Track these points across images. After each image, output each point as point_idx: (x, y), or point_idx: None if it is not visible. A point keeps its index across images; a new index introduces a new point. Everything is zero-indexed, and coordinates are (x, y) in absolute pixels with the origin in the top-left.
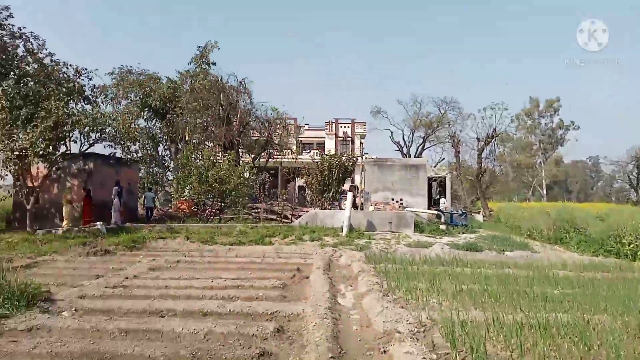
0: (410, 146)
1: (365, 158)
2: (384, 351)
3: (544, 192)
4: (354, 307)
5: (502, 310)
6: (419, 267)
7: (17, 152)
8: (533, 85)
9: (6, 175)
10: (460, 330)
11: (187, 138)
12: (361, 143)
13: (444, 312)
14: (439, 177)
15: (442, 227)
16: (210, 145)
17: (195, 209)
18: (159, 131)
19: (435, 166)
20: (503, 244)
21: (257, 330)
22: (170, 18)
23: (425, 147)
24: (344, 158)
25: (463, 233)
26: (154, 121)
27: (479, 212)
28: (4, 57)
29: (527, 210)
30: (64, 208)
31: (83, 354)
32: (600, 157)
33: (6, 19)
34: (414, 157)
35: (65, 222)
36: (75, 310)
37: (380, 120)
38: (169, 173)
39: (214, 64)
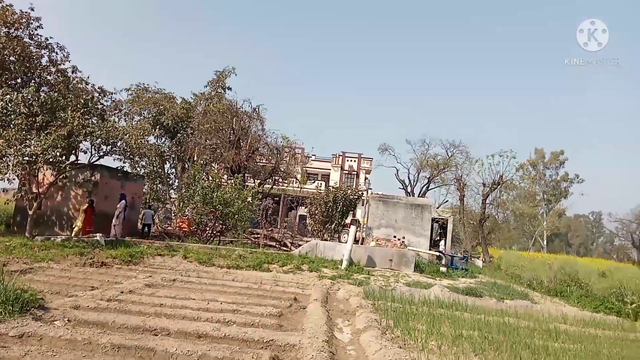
0: (415, 185)
1: (370, 193)
2: None
3: (544, 243)
4: (351, 343)
5: None
6: (418, 308)
7: (27, 158)
8: (541, 136)
9: (14, 179)
10: None
11: (195, 158)
12: (366, 178)
13: (443, 356)
14: (441, 218)
15: (443, 269)
16: (217, 167)
17: (196, 229)
18: (168, 149)
19: (438, 207)
20: (503, 291)
21: (252, 357)
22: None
23: (429, 188)
24: (349, 191)
25: (463, 277)
26: (164, 139)
27: (479, 258)
28: (27, 65)
29: (527, 259)
30: (79, 216)
31: None
32: (603, 212)
33: (36, 29)
34: (418, 196)
35: (75, 229)
36: (68, 320)
37: (387, 157)
38: (172, 191)
39: (230, 88)
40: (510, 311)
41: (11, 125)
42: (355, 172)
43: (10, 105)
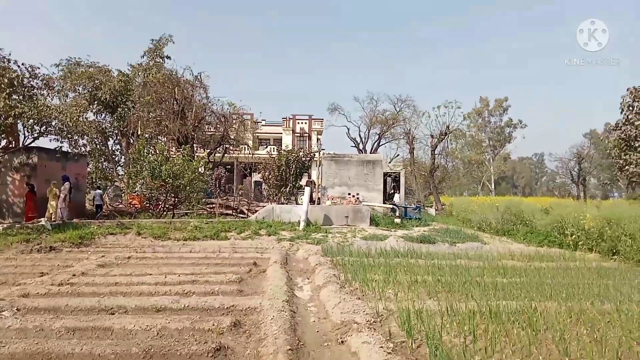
0: (366, 142)
1: (323, 153)
2: (342, 342)
3: (493, 187)
4: (312, 300)
5: (455, 300)
6: (375, 260)
7: None
8: (484, 84)
9: None
10: (416, 319)
11: (139, 132)
12: (318, 139)
13: (400, 302)
14: (393, 172)
15: (397, 220)
16: (163, 139)
17: (148, 204)
18: (109, 125)
19: (390, 162)
20: (455, 236)
21: (213, 325)
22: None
23: (380, 144)
24: (301, 153)
25: (417, 226)
26: (103, 115)
27: (431, 206)
28: None
29: (477, 204)
30: (50, 202)
31: (26, 355)
32: (545, 154)
33: None
34: (370, 153)
35: (48, 214)
36: (17, 309)
37: (338, 117)
38: (119, 168)
39: (169, 57)
40: (462, 254)
41: None
42: (307, 134)
43: None
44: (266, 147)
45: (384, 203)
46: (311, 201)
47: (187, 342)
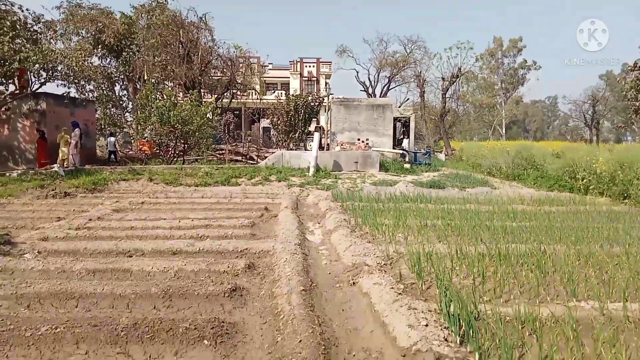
0: (376, 86)
1: (332, 98)
2: (353, 283)
3: (504, 131)
4: (323, 243)
5: (464, 243)
6: (385, 204)
7: None
8: (499, 26)
9: None
10: (426, 262)
11: (145, 77)
12: (327, 83)
13: (410, 246)
14: (403, 117)
15: (407, 165)
16: (170, 84)
17: (158, 150)
18: (115, 70)
19: (400, 106)
20: (465, 181)
21: (228, 267)
22: None
23: (390, 87)
24: (309, 98)
25: (426, 171)
26: (108, 59)
27: (441, 152)
28: None
29: (487, 148)
30: (61, 148)
31: (50, 294)
32: (558, 97)
33: None
34: (379, 97)
35: (60, 160)
36: (38, 252)
37: (346, 59)
38: (127, 114)
39: None
40: (472, 198)
41: None
42: (315, 78)
43: None
44: (274, 92)
45: (393, 148)
46: (320, 147)
47: (204, 283)
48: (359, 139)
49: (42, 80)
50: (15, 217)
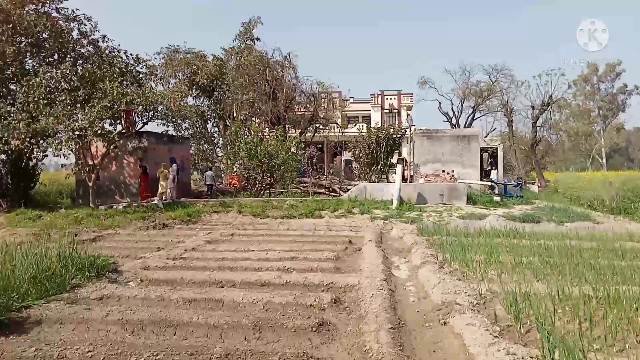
0: (460, 116)
1: (414, 130)
2: (444, 322)
3: (604, 160)
4: (409, 279)
5: (566, 283)
6: (474, 239)
7: (77, 132)
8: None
9: (69, 154)
10: (523, 302)
11: (234, 115)
12: (408, 115)
13: (504, 284)
14: (490, 147)
15: (496, 198)
16: (257, 121)
17: (246, 184)
18: (207, 108)
19: (486, 136)
20: (562, 214)
21: (315, 300)
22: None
23: (475, 117)
24: (391, 130)
25: (518, 204)
26: (202, 99)
27: (534, 183)
28: (60, 40)
29: (586, 179)
30: (160, 182)
31: (151, 322)
32: None
33: (61, 2)
34: (464, 127)
35: (159, 194)
36: (140, 280)
37: (428, 90)
38: (218, 149)
39: (259, 39)
40: (572, 234)
41: (56, 102)
42: (397, 110)
43: (52, 82)
44: (355, 125)
45: (481, 180)
46: (403, 179)
47: (292, 316)
48: (443, 171)
49: (145, 120)
50: (121, 247)
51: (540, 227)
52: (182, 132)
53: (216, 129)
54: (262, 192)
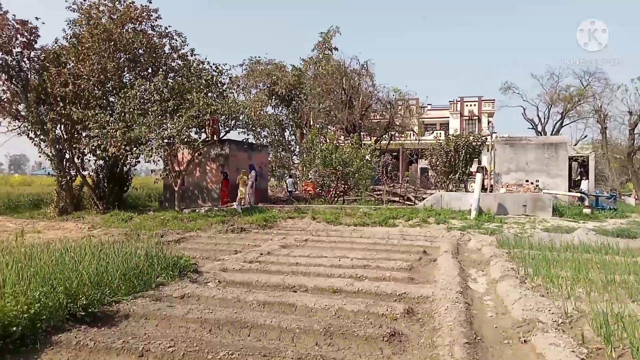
0: (546, 123)
1: (495, 137)
2: (525, 341)
3: None
4: (487, 293)
5: None
6: (560, 254)
7: (166, 140)
8: None
9: (158, 160)
10: (616, 324)
11: (311, 123)
12: (489, 122)
13: (594, 303)
14: (580, 156)
15: (586, 210)
16: (333, 129)
17: (320, 191)
18: (285, 117)
19: (575, 144)
20: None
21: (387, 310)
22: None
23: (563, 124)
24: (471, 138)
25: (611, 218)
26: (280, 108)
27: (630, 195)
28: (154, 55)
29: None
30: (239, 188)
31: (228, 322)
32: None
33: (155, 20)
34: (551, 134)
35: (238, 199)
36: (218, 281)
37: (511, 96)
38: (294, 157)
39: (336, 49)
40: None
41: (149, 112)
42: (477, 117)
43: (145, 94)
44: (432, 133)
45: (569, 191)
46: (483, 189)
47: (363, 325)
48: (527, 180)
49: (227, 129)
50: (201, 249)
51: (636, 243)
52: (261, 140)
53: (293, 136)
54: (335, 199)
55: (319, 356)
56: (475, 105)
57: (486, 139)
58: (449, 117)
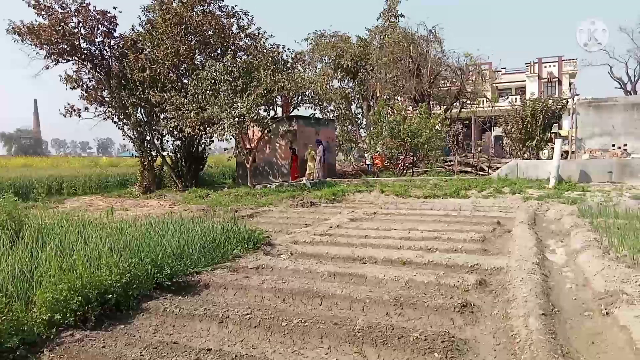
0: (637, 82)
1: (577, 100)
2: (607, 313)
3: None
4: (566, 265)
5: None
6: None
7: (237, 119)
8: None
9: (230, 139)
10: None
11: (378, 94)
12: (571, 83)
13: None
14: None
15: None
16: (400, 99)
17: (388, 164)
18: (352, 90)
19: None
20: None
21: (458, 281)
22: None
23: None
24: (550, 102)
25: None
26: (346, 81)
27: None
28: (222, 36)
29: None
30: (308, 163)
31: (301, 292)
32: None
33: (222, 0)
34: None
35: (307, 174)
36: (290, 253)
37: (596, 54)
38: (361, 130)
39: (402, 15)
40: None
41: (220, 92)
42: (557, 79)
43: (216, 74)
44: (507, 98)
45: None
46: (563, 155)
47: (433, 295)
48: (613, 145)
49: (294, 105)
50: (274, 223)
51: None
52: (328, 114)
53: (360, 110)
54: (404, 171)
55: (389, 325)
56: (555, 66)
57: (567, 102)
58: (525, 81)
